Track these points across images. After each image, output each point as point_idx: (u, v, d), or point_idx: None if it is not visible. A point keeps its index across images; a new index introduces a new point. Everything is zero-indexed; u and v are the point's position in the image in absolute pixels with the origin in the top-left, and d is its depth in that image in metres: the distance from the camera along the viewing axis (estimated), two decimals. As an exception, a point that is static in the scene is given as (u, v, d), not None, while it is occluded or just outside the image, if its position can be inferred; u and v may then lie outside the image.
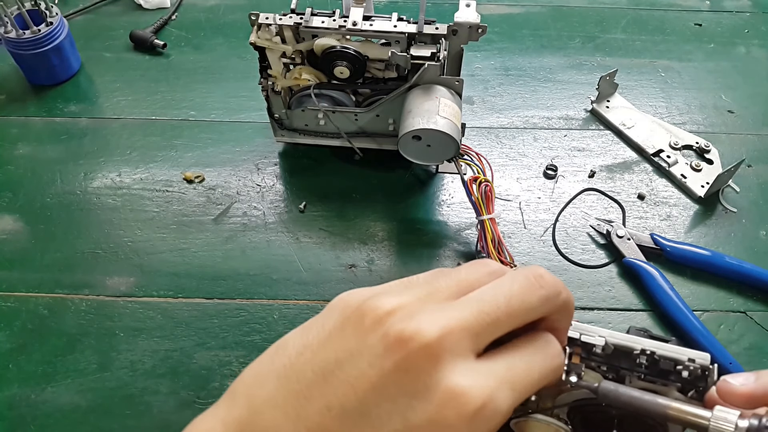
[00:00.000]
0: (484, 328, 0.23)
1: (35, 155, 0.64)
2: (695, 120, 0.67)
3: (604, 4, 0.80)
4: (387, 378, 0.22)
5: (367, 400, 0.22)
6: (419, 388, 0.21)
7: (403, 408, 0.21)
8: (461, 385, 0.21)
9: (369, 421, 0.21)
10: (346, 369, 0.22)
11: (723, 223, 0.58)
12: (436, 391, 0.21)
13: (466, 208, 0.59)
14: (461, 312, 0.23)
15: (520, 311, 0.24)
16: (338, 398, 0.22)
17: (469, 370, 0.22)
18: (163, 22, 0.76)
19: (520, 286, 0.24)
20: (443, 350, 0.22)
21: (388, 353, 0.22)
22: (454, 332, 0.22)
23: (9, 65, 0.71)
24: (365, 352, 0.22)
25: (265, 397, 0.23)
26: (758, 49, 0.75)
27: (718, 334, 0.51)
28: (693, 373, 0.31)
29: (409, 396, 0.21)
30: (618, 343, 0.32)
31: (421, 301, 0.24)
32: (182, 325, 0.52)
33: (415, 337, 0.22)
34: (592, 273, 0.55)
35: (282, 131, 0.62)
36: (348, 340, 0.23)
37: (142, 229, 0.58)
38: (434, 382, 0.21)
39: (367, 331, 0.23)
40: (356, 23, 0.52)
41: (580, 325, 0.33)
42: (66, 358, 0.50)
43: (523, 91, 0.70)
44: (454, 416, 0.21)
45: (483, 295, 0.24)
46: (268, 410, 0.23)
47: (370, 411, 0.21)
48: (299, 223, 0.58)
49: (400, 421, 0.21)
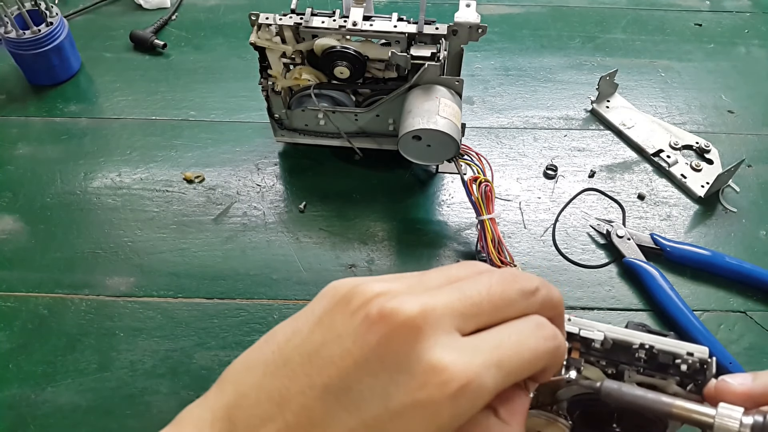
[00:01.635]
0: (467, 308, 0.23)
1: (35, 155, 0.64)
2: (695, 120, 0.67)
3: (604, 4, 0.80)
4: (369, 353, 0.22)
5: (349, 377, 0.22)
6: (401, 363, 0.21)
7: (385, 383, 0.21)
8: (444, 361, 0.21)
9: (351, 397, 0.21)
10: (331, 348, 0.22)
11: (723, 223, 0.58)
12: (418, 365, 0.21)
13: (466, 208, 0.59)
14: (444, 294, 0.23)
15: (501, 301, 0.24)
16: (321, 377, 0.22)
17: (452, 345, 0.22)
18: (163, 22, 0.76)
19: (497, 280, 0.25)
20: (425, 324, 0.22)
21: (370, 329, 0.22)
22: (437, 309, 0.23)
23: (9, 65, 0.71)
24: (350, 332, 0.23)
25: (252, 382, 0.24)
26: (758, 49, 0.75)
27: (718, 334, 0.51)
28: (692, 366, 0.31)
29: (391, 371, 0.21)
30: (617, 338, 0.32)
31: (410, 288, 0.24)
32: (182, 325, 0.52)
33: (397, 311, 0.22)
34: (592, 273, 0.55)
35: (282, 131, 0.62)
36: (335, 322, 0.23)
37: (142, 229, 0.58)
38: (416, 356, 0.21)
39: (353, 313, 0.23)
40: (356, 23, 0.52)
41: (578, 320, 0.33)
42: (66, 358, 0.50)
43: (523, 91, 0.70)
44: (437, 393, 0.21)
45: (464, 283, 0.25)
46: (253, 394, 0.23)
47: (351, 387, 0.22)
48: (299, 223, 0.58)
49: (382, 396, 0.21)
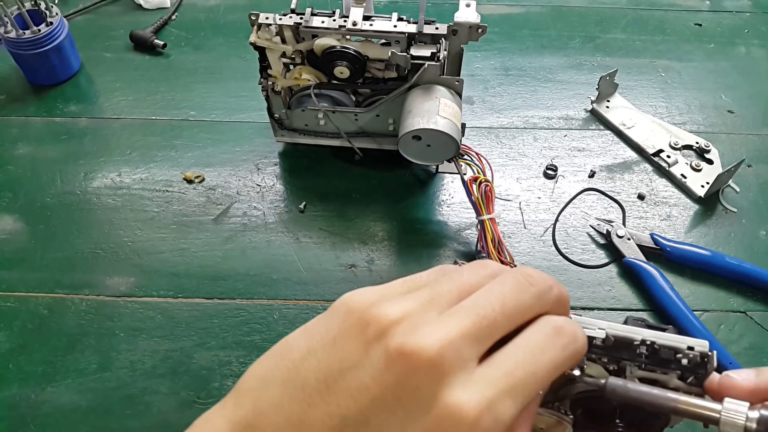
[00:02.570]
0: (483, 331, 0.24)
1: (35, 155, 0.64)
2: (695, 120, 0.67)
3: (604, 4, 0.80)
4: (387, 391, 0.22)
5: (367, 411, 0.22)
6: (418, 403, 0.22)
7: (401, 419, 0.22)
8: (458, 400, 0.22)
9: (367, 430, 0.22)
10: (348, 379, 0.23)
11: (723, 223, 0.58)
12: (434, 406, 0.22)
13: (466, 208, 0.59)
14: (460, 321, 0.24)
15: (516, 311, 0.24)
16: (339, 408, 0.22)
17: (468, 381, 0.22)
18: (163, 22, 0.76)
19: (511, 287, 0.25)
20: (444, 363, 0.22)
21: (389, 367, 0.22)
22: (454, 342, 0.23)
23: (9, 65, 0.71)
24: (367, 364, 0.23)
25: (269, 400, 0.24)
26: (758, 49, 0.75)
27: (718, 334, 0.51)
28: (692, 360, 0.31)
29: (408, 410, 0.22)
30: (618, 335, 0.32)
31: (424, 308, 0.24)
32: (182, 325, 0.52)
33: (416, 352, 0.22)
34: (592, 273, 0.55)
35: (282, 131, 0.62)
36: (351, 349, 0.24)
37: (142, 229, 0.58)
38: (432, 397, 0.22)
39: (369, 343, 0.23)
40: (356, 23, 0.52)
41: (578, 318, 0.33)
42: (66, 358, 0.50)
43: (523, 91, 0.70)
44: (452, 429, 0.22)
45: (478, 299, 0.25)
46: (272, 414, 0.23)
47: (369, 421, 0.22)
48: (299, 223, 0.58)
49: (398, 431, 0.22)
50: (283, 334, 0.26)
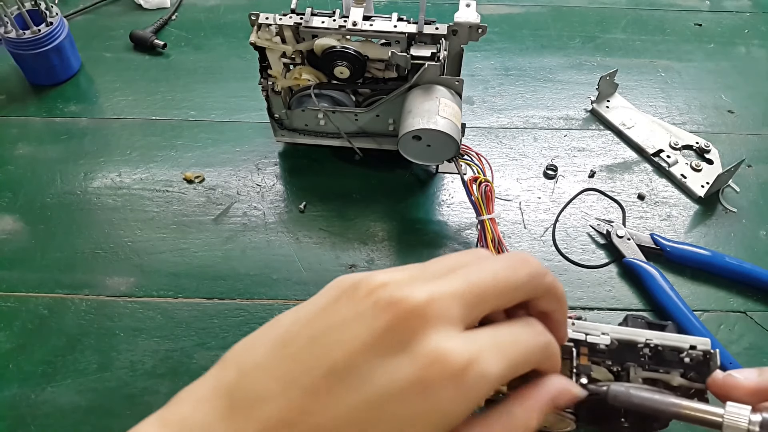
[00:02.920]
0: (472, 297, 0.24)
1: (35, 155, 0.64)
2: (695, 120, 0.67)
3: (604, 4, 0.80)
4: (376, 338, 0.22)
5: (356, 359, 0.22)
6: (406, 348, 0.22)
7: (389, 366, 0.22)
8: (445, 347, 0.22)
9: (356, 378, 0.22)
10: (337, 332, 0.23)
11: (723, 223, 0.58)
12: (422, 350, 0.22)
13: (466, 208, 0.59)
14: (450, 282, 0.24)
15: (507, 286, 0.25)
16: (327, 358, 0.22)
17: (454, 335, 0.23)
18: (163, 22, 0.76)
19: (503, 264, 0.26)
20: (431, 314, 0.23)
21: (377, 315, 0.23)
22: (443, 298, 0.23)
23: (9, 65, 0.71)
24: (357, 317, 0.23)
25: (254, 362, 0.24)
26: (758, 49, 0.75)
27: (718, 334, 0.51)
28: (695, 359, 0.32)
29: (396, 355, 0.22)
30: (622, 338, 0.32)
31: (412, 276, 0.25)
32: (182, 325, 0.52)
33: (405, 300, 0.23)
34: (592, 273, 0.55)
35: (282, 131, 0.62)
36: (341, 309, 0.24)
37: (142, 229, 0.58)
38: (420, 342, 0.22)
39: (359, 300, 0.24)
40: (356, 23, 0.52)
41: (582, 324, 0.33)
42: (66, 358, 0.50)
43: (523, 91, 0.70)
44: (438, 374, 0.22)
45: (470, 270, 0.25)
46: (256, 373, 0.23)
47: (356, 368, 0.22)
48: (299, 223, 0.58)
49: (386, 378, 0.22)
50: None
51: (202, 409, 0.23)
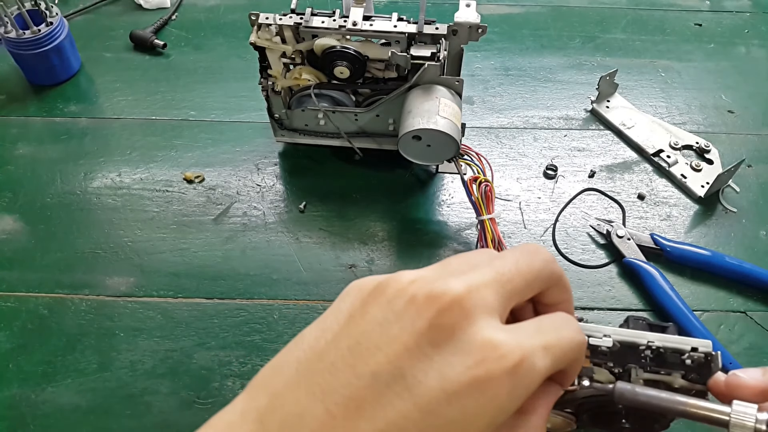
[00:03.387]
0: (504, 286, 0.23)
1: (35, 155, 0.64)
2: (695, 120, 0.67)
3: (604, 4, 0.80)
4: (421, 338, 0.21)
5: (401, 363, 0.20)
6: (456, 343, 0.21)
7: (439, 365, 0.20)
8: (498, 338, 0.21)
9: (404, 383, 0.20)
10: (374, 338, 0.21)
11: (723, 223, 0.58)
12: (474, 343, 0.21)
13: (466, 208, 0.59)
14: (480, 274, 0.23)
15: (530, 274, 0.24)
16: (368, 365, 0.20)
17: (499, 326, 0.22)
18: (163, 22, 0.76)
19: (521, 252, 0.25)
20: (473, 304, 0.21)
21: (419, 313, 0.21)
22: (480, 288, 0.22)
23: (9, 65, 0.71)
24: (393, 319, 0.21)
25: (285, 382, 0.22)
26: (758, 49, 0.75)
27: (718, 334, 0.51)
28: (697, 361, 0.32)
29: (445, 352, 0.20)
30: (623, 340, 0.32)
31: (440, 274, 0.23)
32: (182, 325, 0.52)
33: (446, 293, 0.21)
34: (592, 273, 0.55)
35: (282, 131, 0.62)
36: (372, 312, 0.22)
37: (142, 229, 0.58)
38: (470, 335, 0.21)
39: (392, 301, 0.22)
40: (356, 23, 0.52)
41: (584, 325, 0.33)
42: (66, 358, 0.50)
43: (523, 91, 0.70)
44: (495, 369, 0.20)
45: (493, 262, 0.24)
46: (289, 393, 0.21)
47: (404, 373, 0.20)
48: (299, 223, 0.58)
49: (438, 378, 0.20)
50: (283, 334, 0.26)
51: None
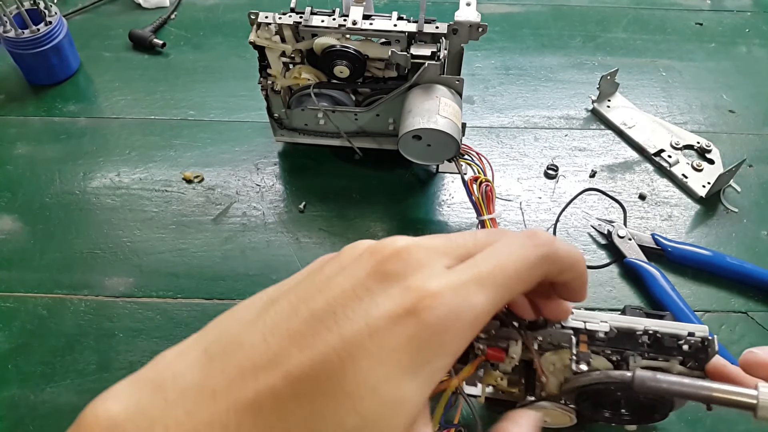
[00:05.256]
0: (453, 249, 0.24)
1: (34, 155, 0.64)
2: (696, 120, 0.67)
3: (605, 4, 0.80)
4: (357, 282, 0.23)
5: (336, 302, 0.22)
6: (387, 289, 0.22)
7: (367, 305, 0.22)
8: (425, 282, 0.22)
9: (334, 318, 0.22)
10: (320, 287, 0.23)
11: (724, 223, 0.58)
12: (399, 287, 0.22)
13: (466, 208, 0.59)
14: (431, 238, 0.25)
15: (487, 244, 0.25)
16: (308, 306, 0.22)
17: (435, 274, 0.23)
18: (163, 21, 0.76)
19: (484, 231, 0.26)
20: (411, 257, 0.23)
21: (360, 264, 0.23)
22: (423, 246, 0.24)
23: (8, 65, 0.71)
24: (339, 271, 0.24)
25: (237, 321, 0.24)
26: (759, 48, 0.75)
27: (719, 334, 0.51)
28: (694, 345, 0.32)
29: (376, 295, 0.22)
30: (621, 326, 0.32)
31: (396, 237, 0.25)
32: (182, 325, 0.52)
33: (387, 246, 0.23)
34: (593, 273, 0.55)
35: (282, 131, 0.61)
36: (324, 271, 0.24)
37: (141, 229, 0.58)
38: (400, 281, 0.22)
39: (343, 259, 0.24)
40: (356, 22, 0.52)
41: (580, 312, 0.33)
42: (65, 358, 0.50)
43: (523, 90, 0.70)
44: (414, 304, 0.22)
45: (451, 235, 0.26)
46: (236, 329, 0.23)
47: (336, 311, 0.22)
48: (299, 223, 0.58)
49: (363, 315, 0.22)
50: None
51: (178, 363, 0.23)
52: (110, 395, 0.22)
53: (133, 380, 0.23)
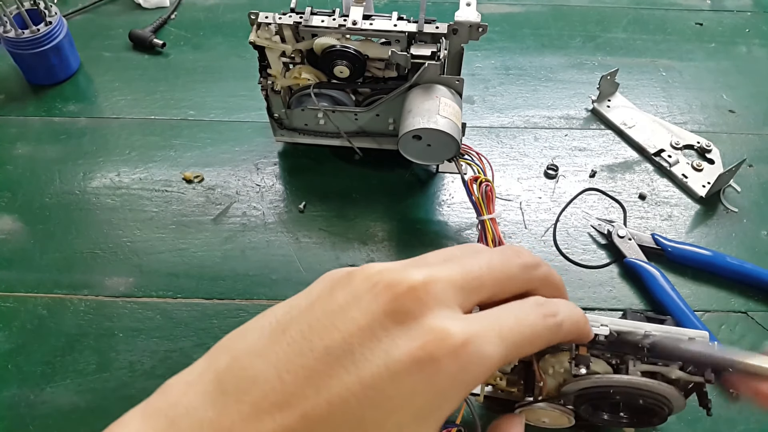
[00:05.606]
0: (468, 282, 0.24)
1: (34, 155, 0.64)
2: (696, 119, 0.67)
3: (604, 4, 0.80)
4: (374, 320, 0.22)
5: (352, 341, 0.22)
6: (406, 328, 0.22)
7: (387, 345, 0.22)
8: (445, 325, 0.22)
9: (352, 358, 0.21)
10: (333, 318, 0.23)
11: (724, 223, 0.58)
12: (422, 329, 0.22)
13: (466, 208, 0.59)
14: (446, 269, 0.24)
15: (502, 275, 0.25)
16: (323, 341, 0.22)
17: (454, 316, 0.23)
18: (163, 21, 0.76)
19: (498, 254, 0.26)
20: (429, 295, 0.23)
21: (376, 298, 0.23)
22: (440, 281, 0.23)
23: (8, 65, 0.71)
24: (354, 302, 0.23)
25: (246, 348, 0.23)
26: (759, 48, 0.75)
27: (719, 334, 0.51)
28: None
29: (395, 335, 0.22)
30: (621, 330, 0.32)
31: (409, 265, 0.25)
32: (181, 325, 0.52)
33: (403, 281, 0.23)
34: (593, 273, 0.55)
35: (281, 131, 0.61)
36: (337, 296, 0.24)
37: (141, 229, 0.58)
38: (421, 322, 0.22)
39: (356, 287, 0.24)
40: (356, 22, 0.52)
41: None
42: (65, 358, 0.50)
43: (523, 90, 0.70)
44: (436, 350, 0.21)
45: (464, 259, 0.25)
46: (248, 358, 0.23)
47: (354, 350, 0.22)
48: (299, 223, 0.58)
49: (383, 357, 0.21)
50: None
51: (190, 395, 0.22)
52: (123, 426, 0.22)
53: (145, 411, 0.23)
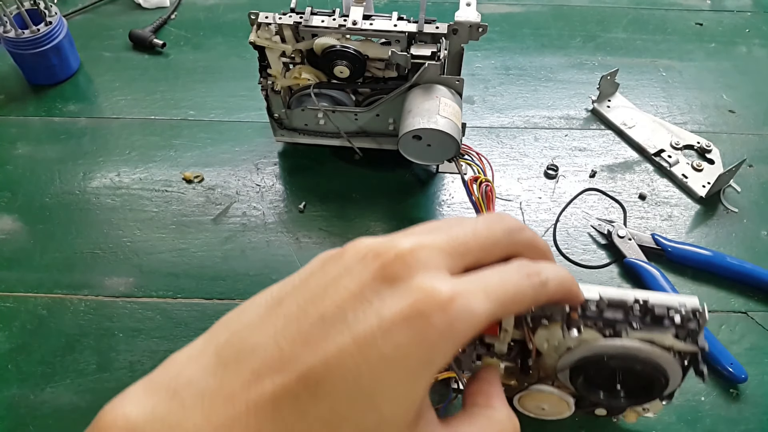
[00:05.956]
0: (454, 248, 0.25)
1: (34, 155, 0.64)
2: (696, 120, 0.67)
3: (605, 4, 0.80)
4: (364, 285, 0.23)
5: (345, 305, 0.23)
6: (395, 290, 0.23)
7: (377, 306, 0.22)
8: (433, 284, 0.23)
9: (345, 321, 0.22)
10: (326, 288, 0.24)
11: (724, 223, 0.58)
12: (409, 288, 0.23)
13: (466, 208, 0.59)
14: (432, 236, 0.25)
15: (487, 240, 0.26)
16: (318, 310, 0.23)
17: (442, 277, 0.24)
18: (163, 21, 0.76)
19: (482, 220, 0.27)
20: (416, 260, 0.23)
21: (366, 267, 0.24)
22: (426, 248, 0.24)
23: (8, 65, 0.71)
24: (344, 273, 0.24)
25: (245, 323, 0.24)
26: (759, 48, 0.75)
27: (719, 334, 0.51)
28: (685, 316, 0.32)
29: (385, 296, 0.23)
30: (611, 297, 0.33)
31: (397, 236, 0.26)
32: (181, 325, 0.52)
33: (391, 249, 0.24)
34: (593, 273, 0.55)
35: (282, 131, 0.61)
36: (330, 270, 0.25)
37: (141, 229, 0.58)
38: (407, 282, 0.23)
39: (347, 261, 0.24)
40: (356, 22, 0.52)
41: None
42: (65, 358, 0.50)
43: (523, 90, 0.70)
44: (425, 306, 0.22)
45: (451, 226, 0.26)
46: (247, 331, 0.23)
47: (346, 314, 0.22)
48: (299, 223, 0.58)
49: (375, 316, 0.22)
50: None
51: (192, 368, 0.23)
52: (126, 399, 0.23)
53: (147, 385, 0.23)
